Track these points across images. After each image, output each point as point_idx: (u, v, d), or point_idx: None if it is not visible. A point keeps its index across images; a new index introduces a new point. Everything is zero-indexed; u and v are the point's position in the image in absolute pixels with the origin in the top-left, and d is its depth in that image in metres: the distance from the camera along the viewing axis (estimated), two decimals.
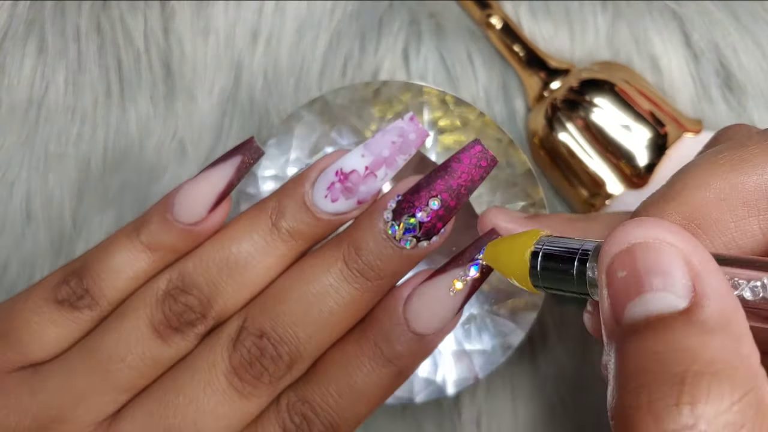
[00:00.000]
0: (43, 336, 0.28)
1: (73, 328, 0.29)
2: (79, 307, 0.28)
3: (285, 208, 0.28)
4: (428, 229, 0.27)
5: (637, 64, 0.41)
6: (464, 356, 0.36)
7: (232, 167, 0.29)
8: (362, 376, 0.28)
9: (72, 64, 0.42)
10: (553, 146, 0.39)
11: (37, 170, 0.41)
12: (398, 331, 0.28)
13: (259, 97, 0.42)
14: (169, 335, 0.28)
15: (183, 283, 0.28)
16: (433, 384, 0.36)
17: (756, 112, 0.41)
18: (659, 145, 0.38)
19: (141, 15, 0.42)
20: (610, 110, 0.38)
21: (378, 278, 0.28)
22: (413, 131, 0.28)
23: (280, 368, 0.28)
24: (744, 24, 0.42)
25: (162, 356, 0.28)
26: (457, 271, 0.28)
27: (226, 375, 0.28)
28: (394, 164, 0.28)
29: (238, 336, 0.28)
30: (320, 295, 0.28)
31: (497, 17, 0.41)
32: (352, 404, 0.28)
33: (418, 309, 0.28)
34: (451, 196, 0.27)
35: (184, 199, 0.28)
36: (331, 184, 0.28)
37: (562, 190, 0.40)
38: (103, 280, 0.28)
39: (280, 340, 0.28)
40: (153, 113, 0.42)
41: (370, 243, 0.28)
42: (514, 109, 0.41)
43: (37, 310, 0.28)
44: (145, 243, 0.28)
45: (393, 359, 0.28)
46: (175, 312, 0.28)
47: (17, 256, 0.40)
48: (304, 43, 0.42)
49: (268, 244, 0.28)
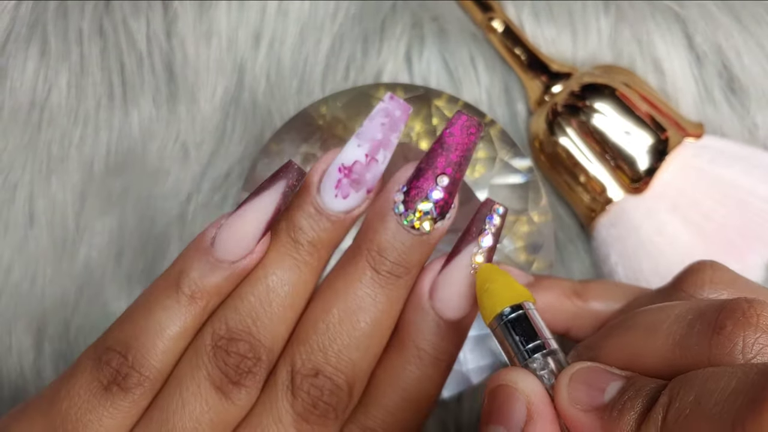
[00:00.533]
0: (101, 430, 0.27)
1: (130, 412, 0.27)
2: (129, 387, 0.27)
3: (300, 222, 0.28)
4: (443, 206, 0.28)
5: (639, 66, 0.41)
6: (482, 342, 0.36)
7: (277, 193, 0.27)
8: (414, 382, 0.28)
9: (74, 66, 0.42)
10: (553, 150, 0.39)
11: (40, 173, 0.41)
12: (433, 326, 0.28)
13: (261, 100, 0.42)
14: (231, 391, 0.27)
15: (228, 331, 0.27)
16: (458, 374, 0.36)
17: (759, 114, 0.41)
18: (660, 150, 0.38)
19: (144, 18, 0.42)
20: (611, 115, 0.38)
21: (407, 273, 0.28)
22: (397, 108, 0.28)
23: (342, 399, 0.28)
24: (747, 26, 0.41)
25: (229, 417, 0.27)
26: (471, 247, 0.28)
27: (294, 425, 0.27)
28: (389, 144, 0.28)
29: (293, 381, 0.27)
30: (360, 310, 0.28)
31: (499, 20, 0.41)
32: (412, 413, 0.29)
33: (444, 296, 0.28)
34: (455, 170, 0.28)
35: (230, 235, 0.27)
36: (338, 182, 0.28)
37: (563, 194, 0.40)
38: (148, 350, 0.27)
39: (335, 370, 0.27)
40: (156, 116, 0.42)
41: (390, 241, 0.28)
42: (516, 113, 0.41)
43: (86, 406, 0.27)
44: (188, 294, 0.27)
45: (438, 355, 0.28)
46: (231, 364, 0.27)
47: (20, 258, 0.40)
48: (307, 45, 0.42)
49: (298, 262, 0.28)
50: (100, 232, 0.41)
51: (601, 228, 0.38)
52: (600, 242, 0.38)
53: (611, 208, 0.38)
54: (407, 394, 0.28)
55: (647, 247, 0.37)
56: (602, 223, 0.38)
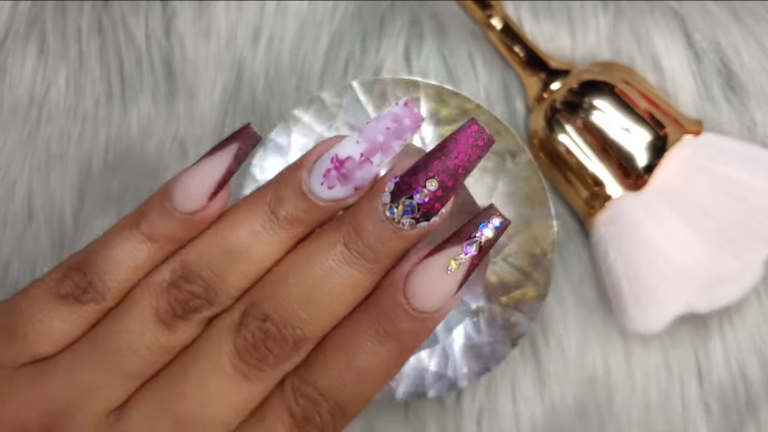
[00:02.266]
0: (49, 331, 0.28)
1: (79, 322, 0.28)
2: (84, 301, 0.28)
3: (282, 196, 0.28)
4: (426, 210, 0.27)
5: (638, 63, 0.41)
6: (474, 349, 0.36)
7: (229, 155, 0.28)
8: (365, 354, 0.28)
9: (73, 64, 0.42)
10: (552, 147, 0.39)
11: (39, 170, 0.41)
12: (399, 308, 0.28)
13: (260, 97, 0.42)
14: (174, 323, 0.28)
15: (185, 273, 0.28)
16: (445, 378, 0.36)
17: (758, 111, 0.41)
18: (659, 147, 0.38)
19: (142, 15, 0.42)
20: (610, 112, 0.38)
21: (377, 260, 0.28)
22: (408, 116, 0.27)
23: (285, 350, 0.28)
24: (745, 23, 0.42)
25: (169, 343, 0.28)
26: (454, 250, 0.28)
27: (230, 359, 0.28)
28: (389, 150, 0.28)
29: (241, 320, 0.28)
30: (322, 277, 0.28)
31: (498, 18, 0.41)
32: (357, 383, 0.28)
33: (417, 287, 0.28)
34: (448, 177, 0.27)
35: (182, 188, 0.28)
36: (327, 171, 0.28)
37: (562, 191, 0.40)
38: (106, 273, 0.28)
39: (284, 323, 0.28)
40: (154, 113, 0.42)
41: (369, 225, 0.28)
42: (515, 110, 0.41)
43: (41, 306, 0.28)
44: (146, 233, 0.28)
45: (395, 336, 0.28)
46: (180, 300, 0.28)
47: (19, 255, 0.40)
48: (306, 42, 0.42)
49: (267, 232, 0.28)
50: (98, 229, 0.41)
51: (599, 225, 0.38)
52: (599, 239, 0.38)
53: (610, 205, 0.38)
54: (357, 363, 0.28)
55: (646, 243, 0.37)
56: (601, 219, 0.38)
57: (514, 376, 0.40)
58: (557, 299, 0.40)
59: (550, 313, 0.40)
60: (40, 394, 0.28)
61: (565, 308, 0.40)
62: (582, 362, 0.40)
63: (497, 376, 0.40)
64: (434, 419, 0.40)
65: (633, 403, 0.40)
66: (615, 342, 0.40)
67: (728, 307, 0.39)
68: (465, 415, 0.40)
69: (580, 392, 0.40)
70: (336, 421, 0.29)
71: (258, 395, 0.28)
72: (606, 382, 0.40)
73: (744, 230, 0.37)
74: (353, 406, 0.29)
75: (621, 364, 0.40)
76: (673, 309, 0.38)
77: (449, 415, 0.40)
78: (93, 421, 0.28)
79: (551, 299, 0.40)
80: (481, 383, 0.40)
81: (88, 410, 0.28)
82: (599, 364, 0.40)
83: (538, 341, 0.40)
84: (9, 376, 0.28)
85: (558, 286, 0.40)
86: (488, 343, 0.36)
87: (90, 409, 0.28)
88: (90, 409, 0.28)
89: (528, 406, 0.40)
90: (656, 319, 0.38)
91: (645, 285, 0.37)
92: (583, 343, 0.40)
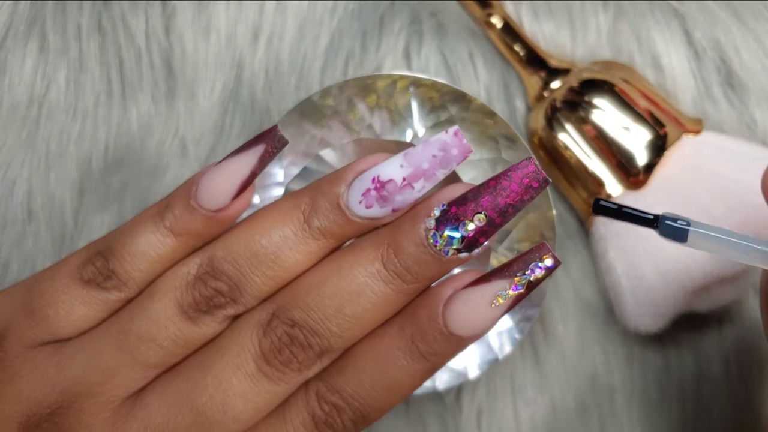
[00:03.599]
0: (71, 314, 0.29)
1: (100, 308, 0.29)
2: (106, 288, 0.29)
3: (318, 206, 0.28)
4: (470, 243, 0.27)
5: (638, 62, 0.41)
6: (482, 339, 0.36)
7: (255, 156, 0.28)
8: (396, 370, 0.28)
9: (73, 62, 0.42)
10: (552, 146, 0.39)
11: (38, 169, 0.41)
12: (436, 331, 0.28)
13: (260, 96, 0.42)
14: (197, 317, 0.28)
15: (212, 269, 0.28)
16: (453, 370, 0.37)
17: (758, 110, 0.41)
18: (659, 145, 0.38)
19: (142, 14, 0.42)
20: (610, 111, 0.38)
21: (414, 282, 0.28)
22: (456, 146, 0.27)
23: (310, 357, 0.28)
24: (745, 22, 0.42)
25: (191, 336, 0.28)
26: (502, 283, 0.27)
27: (255, 359, 0.28)
28: (433, 177, 0.27)
29: (269, 322, 0.28)
30: (355, 293, 0.28)
31: (498, 16, 0.41)
32: (384, 396, 0.29)
33: (457, 312, 0.28)
34: (497, 214, 0.27)
35: (207, 185, 0.28)
36: (366, 191, 0.28)
37: (562, 190, 0.40)
38: (129, 262, 0.29)
39: (312, 331, 0.28)
40: (154, 112, 0.42)
41: (410, 247, 0.27)
42: (515, 109, 0.41)
43: (64, 289, 0.29)
44: (169, 227, 0.29)
45: (428, 356, 0.28)
46: (205, 296, 0.28)
47: (18, 254, 0.41)
48: (306, 41, 0.42)
49: (299, 240, 0.28)
50: (98, 227, 0.41)
51: (599, 224, 0.38)
52: (598, 238, 0.38)
53: None
54: (388, 378, 0.28)
55: (645, 243, 0.37)
56: (601, 219, 0.38)
57: (514, 375, 0.40)
58: (557, 299, 0.40)
59: (550, 313, 0.40)
60: (60, 374, 0.28)
61: (565, 308, 0.40)
62: (582, 362, 0.40)
63: (497, 375, 0.40)
64: (434, 418, 0.40)
65: (633, 403, 0.40)
66: (615, 342, 0.40)
67: (727, 306, 0.39)
68: (465, 414, 0.40)
69: (580, 392, 0.40)
70: (357, 427, 0.29)
71: (279, 397, 0.28)
72: (606, 381, 0.40)
73: (743, 229, 0.37)
74: (375, 415, 0.29)
75: (621, 363, 0.40)
76: (673, 308, 0.38)
77: (449, 414, 0.40)
78: (110, 405, 0.28)
79: (551, 299, 0.40)
80: (481, 382, 0.40)
81: (107, 394, 0.28)
82: (599, 363, 0.40)
83: (538, 340, 0.40)
84: (30, 354, 0.29)
85: (558, 285, 0.40)
86: (495, 333, 0.36)
87: (108, 392, 0.28)
88: (108, 393, 0.28)
89: (528, 405, 0.40)
90: (656, 319, 0.38)
91: (644, 284, 0.37)
92: (583, 343, 0.40)
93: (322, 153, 0.36)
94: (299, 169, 0.36)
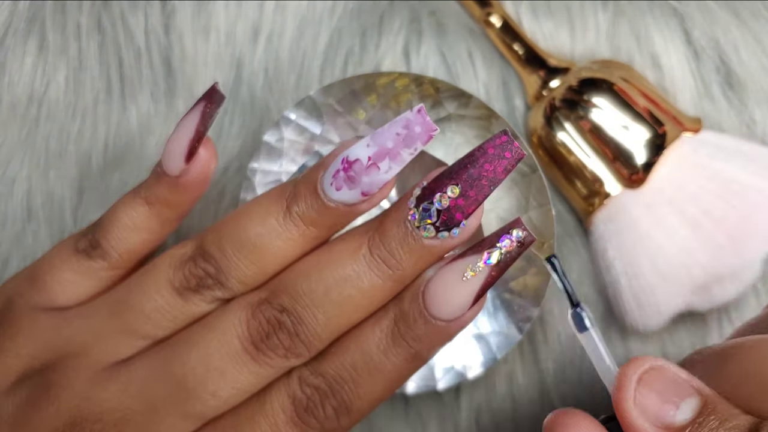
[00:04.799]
0: (63, 280, 0.32)
1: (89, 275, 0.32)
2: (93, 256, 0.32)
3: (299, 193, 0.29)
4: (447, 219, 0.27)
5: (637, 61, 0.41)
6: (481, 339, 0.36)
7: (197, 115, 0.30)
8: (378, 352, 0.28)
9: (73, 61, 0.42)
10: (551, 145, 0.39)
11: (38, 168, 0.41)
12: (417, 312, 0.28)
13: (260, 95, 0.42)
14: (186, 294, 0.29)
15: (203, 251, 0.29)
16: (452, 370, 0.37)
17: (757, 109, 0.41)
18: (657, 144, 0.38)
19: (142, 13, 0.42)
20: (609, 110, 0.38)
21: (398, 267, 0.28)
22: (419, 123, 0.27)
23: (296, 345, 0.28)
24: (745, 21, 0.42)
25: (179, 311, 0.30)
26: (472, 258, 0.27)
27: (240, 339, 0.28)
28: (398, 158, 0.27)
29: (258, 305, 0.29)
30: (342, 279, 0.28)
31: (497, 15, 0.41)
32: (366, 380, 0.29)
33: (434, 292, 0.28)
34: (470, 185, 0.27)
35: (166, 152, 0.31)
36: (336, 172, 0.28)
37: (561, 189, 0.40)
38: (109, 232, 0.31)
39: (300, 319, 0.28)
40: (154, 111, 0.42)
41: (392, 229, 0.28)
42: (514, 108, 0.41)
43: (61, 257, 0.32)
44: (143, 197, 0.32)
45: (409, 340, 0.28)
46: (194, 275, 0.29)
47: (18, 252, 0.41)
48: (305, 40, 0.42)
49: (281, 227, 0.29)
50: None
51: (598, 222, 0.38)
52: (598, 237, 0.38)
53: (609, 202, 0.38)
54: (369, 359, 0.28)
55: (645, 241, 0.37)
56: (600, 217, 0.38)
57: (513, 374, 0.40)
58: (557, 298, 0.40)
59: (549, 312, 0.40)
60: (57, 335, 0.30)
61: (565, 306, 0.40)
62: (581, 361, 0.40)
63: (496, 374, 0.40)
64: (434, 417, 0.40)
65: None
66: (614, 340, 0.40)
67: (727, 305, 0.39)
68: (464, 413, 0.40)
69: (580, 391, 0.40)
70: (339, 418, 0.29)
71: (262, 380, 0.29)
72: None
73: (743, 228, 0.37)
74: (358, 405, 0.29)
75: (620, 362, 0.40)
76: (672, 307, 0.38)
77: (448, 413, 0.40)
78: (96, 366, 0.29)
79: (551, 299, 0.40)
80: (480, 382, 0.40)
81: (94, 356, 0.30)
82: None
83: (537, 339, 0.40)
84: (33, 314, 0.31)
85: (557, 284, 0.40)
86: (495, 332, 0.36)
87: (95, 355, 0.30)
88: (95, 356, 0.30)
89: (527, 404, 0.40)
90: (655, 317, 0.38)
91: (644, 283, 0.37)
92: None
93: (322, 151, 0.36)
94: (298, 166, 0.36)
